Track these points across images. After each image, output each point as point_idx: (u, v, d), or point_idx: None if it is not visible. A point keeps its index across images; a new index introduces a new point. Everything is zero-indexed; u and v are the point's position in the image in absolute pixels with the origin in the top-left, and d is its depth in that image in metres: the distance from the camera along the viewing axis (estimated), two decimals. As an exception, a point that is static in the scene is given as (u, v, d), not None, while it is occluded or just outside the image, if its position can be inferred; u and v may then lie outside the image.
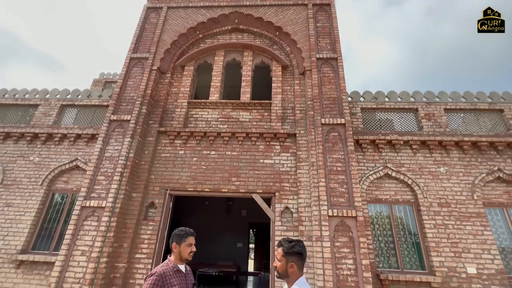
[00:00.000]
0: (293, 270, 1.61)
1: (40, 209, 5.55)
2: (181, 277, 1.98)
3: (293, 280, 1.60)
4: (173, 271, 1.96)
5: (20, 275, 4.93)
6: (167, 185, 5.27)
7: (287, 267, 1.62)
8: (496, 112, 6.04)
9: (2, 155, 6.07)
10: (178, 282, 1.91)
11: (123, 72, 6.12)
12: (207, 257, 9.76)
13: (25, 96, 6.91)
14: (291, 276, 1.61)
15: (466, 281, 4.56)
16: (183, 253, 2.04)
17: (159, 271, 1.92)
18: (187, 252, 2.05)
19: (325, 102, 5.48)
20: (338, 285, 4.03)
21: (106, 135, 5.40)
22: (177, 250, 2.05)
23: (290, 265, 1.61)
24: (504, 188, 5.31)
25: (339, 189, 4.67)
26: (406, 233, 5.15)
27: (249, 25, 6.86)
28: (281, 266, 1.64)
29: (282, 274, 1.65)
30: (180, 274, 1.99)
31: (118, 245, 4.70)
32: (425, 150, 5.63)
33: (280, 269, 1.65)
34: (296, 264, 1.61)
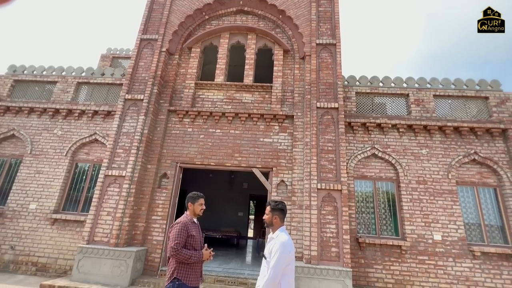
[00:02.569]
0: (276, 221, 2.31)
1: (67, 176, 6.33)
2: (196, 227, 2.66)
3: (276, 228, 2.31)
4: (191, 222, 2.57)
5: (55, 231, 5.85)
6: (177, 159, 5.97)
7: (272, 219, 2.32)
8: (481, 99, 6.47)
9: (28, 128, 6.75)
10: (195, 230, 2.60)
11: (134, 53, 6.54)
12: (212, 223, 10.85)
13: (42, 72, 7.41)
14: (275, 225, 2.31)
15: (432, 245, 5.38)
16: (196, 210, 2.65)
17: (183, 221, 2.51)
18: (199, 209, 2.67)
19: (322, 87, 5.94)
20: (321, 244, 4.86)
21: (122, 112, 5.99)
22: (191, 208, 2.66)
23: (275, 217, 2.31)
24: (478, 169, 5.94)
25: (329, 166, 5.33)
26: (386, 205, 5.90)
27: (253, 7, 7.08)
28: (268, 218, 2.34)
29: (268, 224, 2.35)
30: (195, 225, 2.67)
31: (137, 208, 5.52)
32: (411, 134, 6.18)
33: (267, 220, 2.35)
34: (278, 217, 2.30)
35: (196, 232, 2.58)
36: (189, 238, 2.46)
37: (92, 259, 4.93)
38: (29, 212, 6.02)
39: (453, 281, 5.16)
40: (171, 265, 2.45)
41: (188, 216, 2.63)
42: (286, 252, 2.09)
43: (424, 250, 5.36)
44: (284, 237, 2.20)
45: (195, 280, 2.46)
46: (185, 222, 2.51)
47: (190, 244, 2.47)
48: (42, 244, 5.78)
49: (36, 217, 5.98)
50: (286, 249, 2.09)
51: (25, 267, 5.65)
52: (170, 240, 2.42)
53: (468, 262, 5.26)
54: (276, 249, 2.11)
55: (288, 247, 2.12)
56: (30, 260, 5.69)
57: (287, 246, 2.12)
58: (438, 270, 5.24)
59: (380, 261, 5.35)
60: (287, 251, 2.09)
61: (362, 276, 5.28)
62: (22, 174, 6.34)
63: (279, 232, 2.27)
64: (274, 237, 2.26)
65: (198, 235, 2.59)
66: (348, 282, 4.52)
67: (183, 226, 2.46)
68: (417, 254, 5.34)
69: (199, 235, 2.61)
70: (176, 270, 2.40)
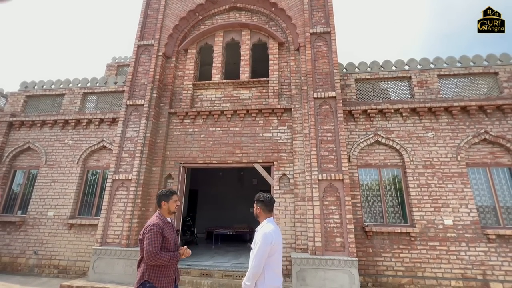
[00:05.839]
0: (259, 212, 2.35)
1: (79, 183, 6.66)
2: (170, 227, 2.48)
3: (262, 219, 2.35)
4: (164, 223, 2.43)
5: (73, 235, 6.19)
6: (180, 159, 6.11)
7: (256, 210, 2.36)
8: (491, 75, 6.14)
9: (42, 140, 7.14)
10: (169, 231, 2.44)
11: (133, 59, 6.73)
12: (225, 221, 11.04)
13: (51, 86, 7.79)
14: (260, 216, 2.36)
15: (442, 231, 5.21)
16: (171, 207, 2.52)
17: (156, 222, 2.36)
18: (174, 206, 2.53)
19: (318, 77, 5.86)
20: (325, 235, 4.84)
21: (125, 118, 6.20)
22: (166, 206, 2.51)
23: (258, 209, 2.36)
24: (489, 149, 5.66)
25: (329, 156, 5.27)
26: (392, 192, 5.77)
27: (246, 3, 7.05)
28: (255, 210, 2.41)
29: (255, 215, 2.41)
30: (169, 224, 2.50)
31: (145, 209, 5.73)
32: (415, 117, 5.98)
33: (254, 212, 2.41)
34: (261, 208, 2.34)
35: (170, 233, 2.45)
36: (163, 240, 2.35)
37: (106, 259, 5.18)
38: (48, 219, 6.40)
39: (467, 266, 4.99)
40: (141, 268, 2.33)
41: (161, 216, 2.48)
42: (267, 242, 2.10)
43: (435, 235, 5.20)
44: (268, 227, 2.22)
45: (168, 283, 2.33)
46: (159, 224, 2.38)
47: (164, 247, 2.35)
48: (62, 248, 6.14)
49: (55, 223, 6.35)
50: (267, 239, 2.11)
51: (48, 270, 6.03)
52: (146, 244, 2.26)
53: (482, 246, 5.05)
54: (258, 240, 2.15)
55: (269, 238, 2.12)
56: (52, 264, 6.06)
57: (268, 236, 2.13)
58: (451, 256, 5.07)
59: (388, 249, 5.25)
60: (268, 242, 2.11)
61: (371, 265, 5.21)
62: (40, 183, 6.74)
63: (265, 223, 2.30)
64: (259, 228, 2.30)
65: (171, 236, 2.46)
66: (354, 271, 4.49)
67: (158, 229, 2.33)
68: (427, 240, 5.19)
69: (173, 236, 2.49)
70: (147, 272, 2.28)
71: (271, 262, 2.13)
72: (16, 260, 6.23)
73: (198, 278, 5.10)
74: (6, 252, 6.32)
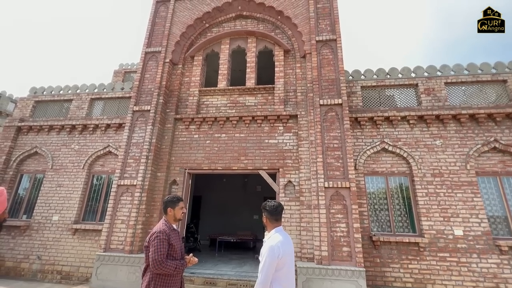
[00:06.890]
0: (265, 221, 2.28)
1: (85, 188, 6.67)
2: (176, 233, 2.44)
3: (270, 228, 2.27)
4: (170, 229, 2.39)
5: (76, 240, 6.16)
6: (185, 165, 6.09)
7: (263, 219, 2.30)
8: (499, 83, 6.07)
9: (49, 145, 7.20)
10: (175, 238, 2.39)
11: (140, 66, 6.81)
12: (228, 228, 10.94)
13: (59, 92, 7.90)
14: (267, 226, 2.28)
15: (452, 241, 5.07)
16: (177, 214, 2.47)
17: (162, 229, 2.32)
18: (180, 214, 2.49)
19: (324, 84, 5.85)
20: (332, 244, 4.74)
21: (131, 124, 6.24)
22: (172, 213, 2.46)
23: (264, 218, 2.29)
24: (499, 158, 5.55)
25: (335, 163, 5.21)
26: (400, 201, 5.66)
27: (252, 11, 7.14)
28: (262, 219, 2.33)
29: (264, 225, 2.33)
30: (175, 231, 2.46)
31: (149, 215, 5.69)
32: (422, 125, 5.91)
33: (263, 221, 2.33)
34: (266, 217, 2.27)
35: (176, 240, 2.41)
36: (170, 247, 2.30)
37: (109, 266, 5.13)
38: (52, 224, 6.39)
39: (479, 278, 4.83)
40: (146, 277, 2.27)
41: (167, 223, 2.44)
42: (273, 256, 1.99)
43: (445, 246, 5.07)
44: (276, 239, 2.11)
45: None
46: (165, 230, 2.33)
47: (170, 254, 2.31)
48: (65, 253, 6.11)
49: (59, 228, 6.34)
50: (274, 253, 2.00)
51: (51, 276, 5.99)
52: (151, 252, 2.21)
53: (494, 257, 4.90)
54: (263, 253, 2.06)
55: (276, 251, 1.99)
56: (55, 269, 6.03)
57: (275, 249, 2.01)
58: (462, 268, 4.92)
59: (397, 260, 5.12)
60: (274, 256, 1.99)
61: (379, 276, 5.08)
62: (45, 188, 6.77)
63: (272, 233, 2.22)
64: (266, 239, 2.23)
65: (178, 243, 2.42)
66: (361, 282, 4.37)
67: (165, 236, 2.29)
68: (437, 251, 5.05)
69: (179, 243, 2.44)
70: (153, 282, 2.23)
71: (279, 276, 2.01)
72: (20, 265, 6.21)
73: (202, 286, 5.01)
74: (10, 257, 6.31)
